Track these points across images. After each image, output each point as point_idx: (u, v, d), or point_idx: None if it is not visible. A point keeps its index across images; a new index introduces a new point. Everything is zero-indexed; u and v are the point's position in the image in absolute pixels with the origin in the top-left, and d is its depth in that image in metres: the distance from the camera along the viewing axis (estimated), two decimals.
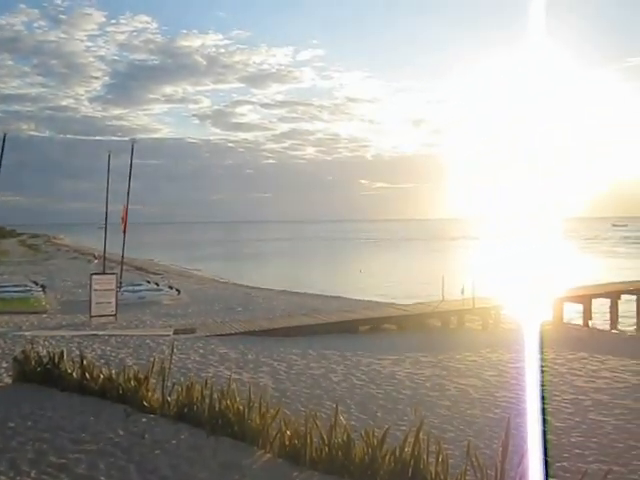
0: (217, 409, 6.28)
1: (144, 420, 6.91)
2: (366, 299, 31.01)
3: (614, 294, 27.39)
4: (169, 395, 7.19)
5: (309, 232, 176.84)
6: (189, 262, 61.32)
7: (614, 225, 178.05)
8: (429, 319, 22.86)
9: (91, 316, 21.06)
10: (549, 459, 7.28)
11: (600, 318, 26.43)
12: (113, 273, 24.83)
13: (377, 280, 44.42)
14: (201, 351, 14.97)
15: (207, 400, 6.50)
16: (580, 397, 11.06)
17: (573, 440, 8.46)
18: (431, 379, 12.39)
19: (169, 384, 7.39)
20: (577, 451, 7.95)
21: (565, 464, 7.32)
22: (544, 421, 9.44)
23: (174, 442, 6.17)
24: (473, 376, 12.81)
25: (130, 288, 28.02)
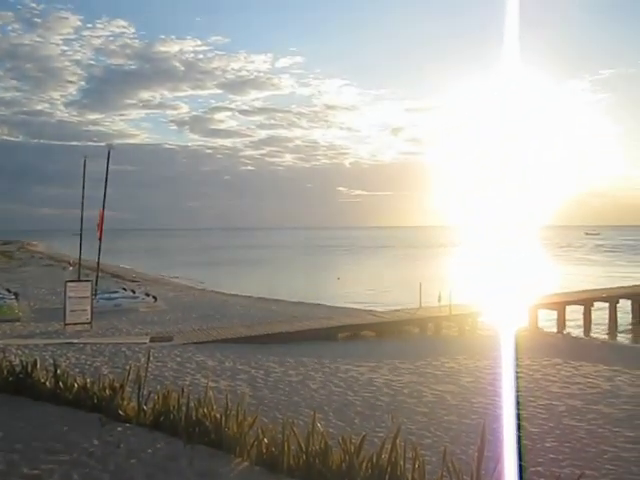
0: (194, 417, 6.23)
1: (119, 429, 6.82)
2: (344, 306, 31.07)
3: (587, 301, 27.88)
4: (145, 404, 7.11)
5: (287, 239, 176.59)
6: (166, 269, 60.73)
7: (587, 233, 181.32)
8: (407, 326, 23.00)
9: (66, 324, 20.72)
10: (524, 464, 7.38)
11: (574, 325, 26.87)
12: (88, 280, 24.47)
13: (355, 287, 44.53)
14: (178, 359, 14.83)
15: (184, 408, 6.44)
16: (554, 403, 11.22)
17: (547, 445, 8.58)
18: (409, 385, 12.46)
19: (145, 393, 7.30)
20: (551, 456, 8.07)
21: (540, 469, 7.42)
22: (519, 426, 9.56)
23: (150, 451, 6.10)
24: (450, 382, 12.92)
25: (106, 295, 27.65)
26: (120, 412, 7.10)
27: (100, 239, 27.76)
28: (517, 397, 11.22)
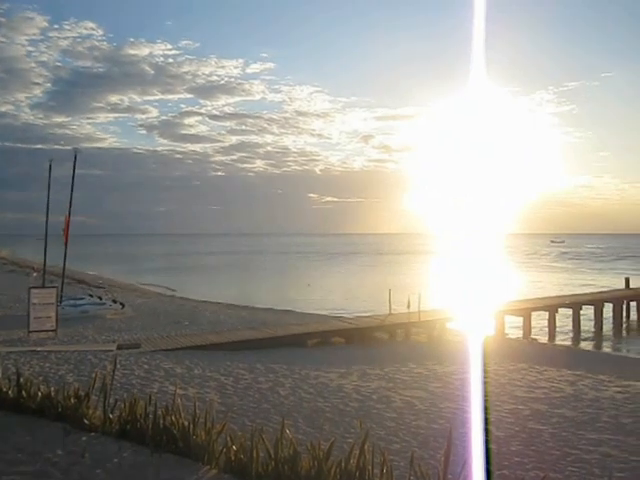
0: (161, 425, 6.15)
1: (84, 439, 6.69)
2: (314, 312, 31.10)
3: (552, 307, 28.51)
4: (111, 412, 6.99)
5: (258, 245, 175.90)
6: (134, 275, 59.82)
7: (552, 241, 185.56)
8: (376, 332, 23.14)
9: (29, 331, 20.20)
10: (490, 467, 7.51)
11: (539, 330, 27.44)
12: (53, 286, 23.93)
13: (325, 294, 44.61)
14: (146, 366, 14.62)
15: (151, 417, 6.35)
16: (520, 407, 11.44)
17: (513, 449, 8.74)
18: (378, 391, 12.53)
19: (111, 401, 7.18)
20: (516, 459, 8.22)
21: (505, 472, 7.55)
22: (486, 431, 9.72)
23: (116, 460, 6.00)
24: (419, 388, 13.04)
25: (71, 302, 27.08)
26: (85, 421, 6.97)
27: (66, 244, 27.20)
28: (484, 402, 11.40)
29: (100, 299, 29.62)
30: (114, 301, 29.40)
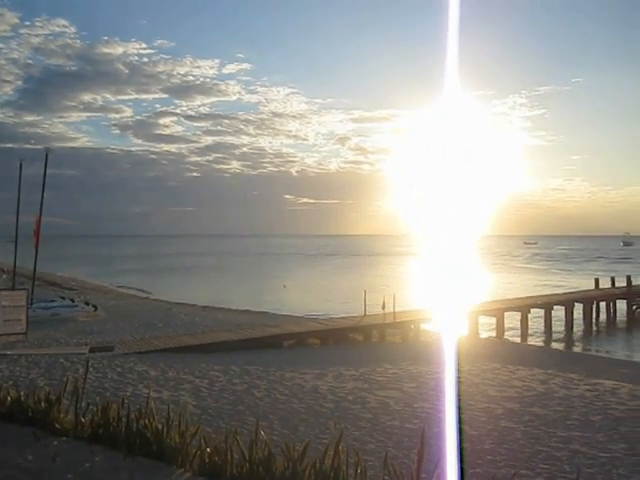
0: (134, 429, 6.09)
1: (55, 443, 6.58)
2: (290, 314, 31.08)
3: (525, 308, 29.00)
4: (83, 416, 6.89)
5: (234, 247, 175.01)
6: (108, 277, 58.99)
7: (525, 243, 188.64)
8: (351, 333, 23.23)
9: None
10: (464, 466, 7.60)
11: (512, 330, 27.87)
12: (24, 289, 23.47)
13: (301, 295, 44.61)
14: (119, 369, 14.43)
15: (124, 420, 6.28)
16: (492, 406, 11.60)
17: (486, 447, 8.87)
18: (353, 392, 12.58)
19: (83, 405, 7.08)
20: (489, 457, 8.34)
21: (478, 470, 7.65)
22: (460, 430, 9.84)
23: (88, 465, 5.92)
24: (393, 388, 13.13)
25: (42, 304, 26.58)
26: (56, 425, 6.85)
27: (37, 246, 26.68)
28: (458, 401, 11.53)
29: (72, 301, 29.15)
30: (86, 303, 28.95)
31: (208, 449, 5.47)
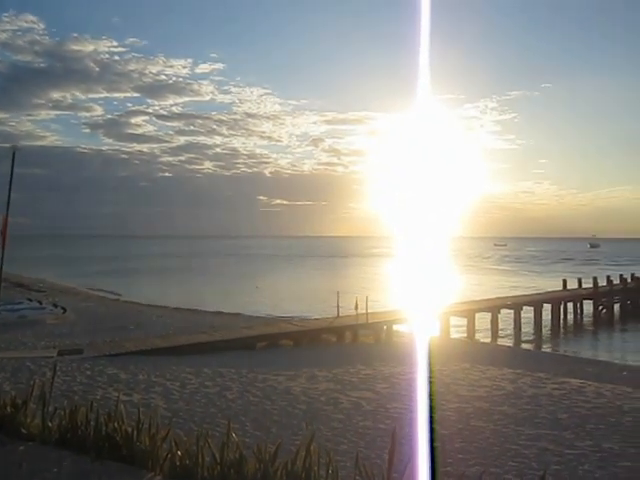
0: (103, 433, 5.99)
1: (22, 448, 6.43)
2: (263, 315, 30.98)
3: (495, 308, 29.45)
4: (50, 421, 6.75)
5: (206, 248, 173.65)
6: (77, 278, 57.92)
7: (496, 245, 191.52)
8: (325, 334, 23.27)
9: None
10: (435, 465, 7.69)
11: (483, 331, 28.28)
12: None
13: (274, 296, 44.50)
14: (88, 372, 14.20)
15: (92, 424, 6.18)
16: (463, 405, 11.76)
17: (457, 446, 8.98)
18: (326, 393, 12.61)
19: (51, 409, 6.95)
20: (460, 456, 8.45)
21: (449, 469, 7.74)
22: (431, 429, 9.94)
23: (55, 470, 5.81)
24: (366, 389, 13.21)
25: (9, 307, 25.96)
26: (22, 430, 6.70)
27: (3, 246, 26.04)
28: (429, 401, 11.65)
29: (40, 303, 28.56)
30: (55, 305, 28.40)
31: (179, 452, 5.42)
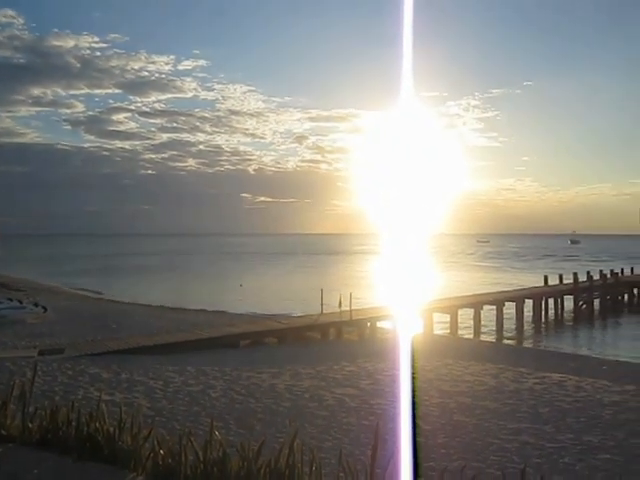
0: (85, 433, 5.93)
1: (1, 450, 6.36)
2: (247, 313, 30.90)
3: (477, 305, 29.67)
4: (30, 421, 6.67)
5: (190, 246, 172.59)
6: (59, 277, 57.22)
7: (478, 241, 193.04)
8: (309, 332, 23.27)
9: None
10: (418, 460, 7.75)
11: (465, 327, 28.49)
12: None
13: (258, 294, 44.39)
14: (70, 372, 14.04)
15: (74, 424, 6.12)
16: (446, 400, 11.86)
17: (439, 441, 9.06)
18: (310, 390, 12.63)
19: (31, 409, 6.86)
20: (443, 451, 8.53)
21: (432, 464, 7.81)
22: (414, 425, 10.01)
23: (35, 471, 5.74)
24: (350, 385, 13.25)
25: None
26: (2, 431, 6.62)
27: None
28: (413, 397, 11.73)
29: (20, 302, 28.19)
30: (36, 305, 28.04)
31: (162, 451, 5.39)
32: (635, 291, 41.52)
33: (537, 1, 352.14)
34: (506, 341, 26.76)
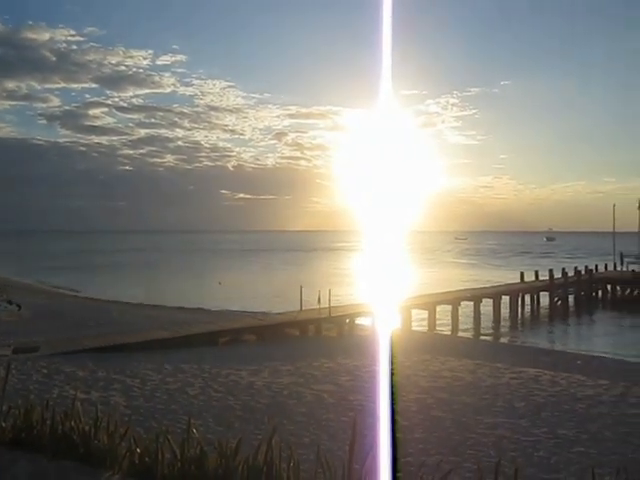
0: (60, 432, 5.86)
1: None
2: (226, 310, 30.78)
3: (455, 301, 29.99)
4: (4, 421, 6.57)
5: (168, 243, 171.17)
6: (34, 274, 56.31)
7: (456, 238, 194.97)
8: (288, 328, 23.27)
9: None
10: (396, 455, 7.81)
11: (443, 323, 28.78)
12: None
13: (237, 291, 44.26)
14: (45, 371, 13.83)
15: (49, 423, 6.04)
16: (424, 396, 11.97)
17: (417, 436, 9.14)
18: (289, 387, 12.63)
19: (4, 408, 6.75)
20: (420, 446, 8.60)
21: (410, 459, 7.87)
22: (393, 420, 10.09)
23: (9, 471, 5.66)
24: (329, 382, 13.28)
25: None
26: None
27: None
28: (391, 393, 11.81)
29: None
30: (9, 302, 27.49)
31: (138, 450, 5.35)
32: (608, 287, 42.38)
33: (515, 1, 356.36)
34: (483, 337, 27.11)
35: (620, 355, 22.09)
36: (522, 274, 38.46)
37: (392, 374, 14.67)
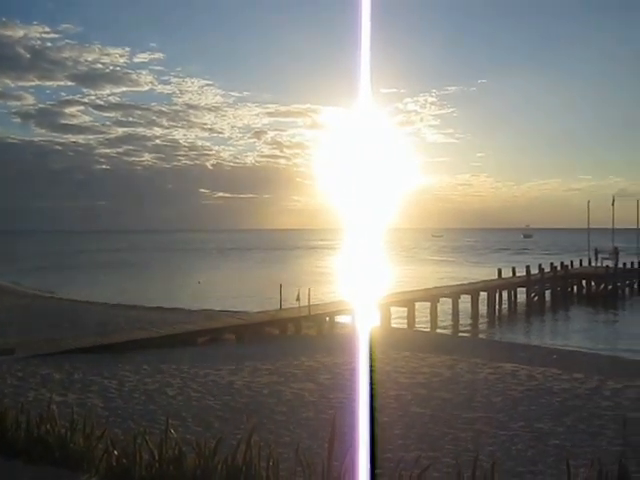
0: (35, 435, 5.78)
1: None
2: (205, 310, 30.58)
3: (434, 298, 30.24)
4: None
5: (147, 242, 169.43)
6: (7, 276, 55.23)
7: (433, 236, 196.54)
8: (267, 327, 23.22)
9: None
10: (375, 451, 7.86)
11: (422, 320, 29.00)
12: None
13: (216, 291, 44.01)
14: (19, 374, 13.59)
15: (23, 426, 5.95)
16: (403, 392, 12.05)
17: (396, 432, 9.21)
18: (268, 386, 12.61)
19: None
20: (400, 442, 8.67)
21: (389, 455, 7.91)
22: (372, 417, 10.15)
23: None
24: (309, 380, 13.30)
25: None
26: None
27: None
28: (370, 390, 11.87)
29: None
30: None
31: (115, 451, 5.30)
32: (583, 282, 43.11)
33: (493, 1, 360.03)
34: (462, 333, 27.38)
35: (595, 349, 22.51)
36: (499, 271, 38.91)
37: (372, 371, 14.74)
